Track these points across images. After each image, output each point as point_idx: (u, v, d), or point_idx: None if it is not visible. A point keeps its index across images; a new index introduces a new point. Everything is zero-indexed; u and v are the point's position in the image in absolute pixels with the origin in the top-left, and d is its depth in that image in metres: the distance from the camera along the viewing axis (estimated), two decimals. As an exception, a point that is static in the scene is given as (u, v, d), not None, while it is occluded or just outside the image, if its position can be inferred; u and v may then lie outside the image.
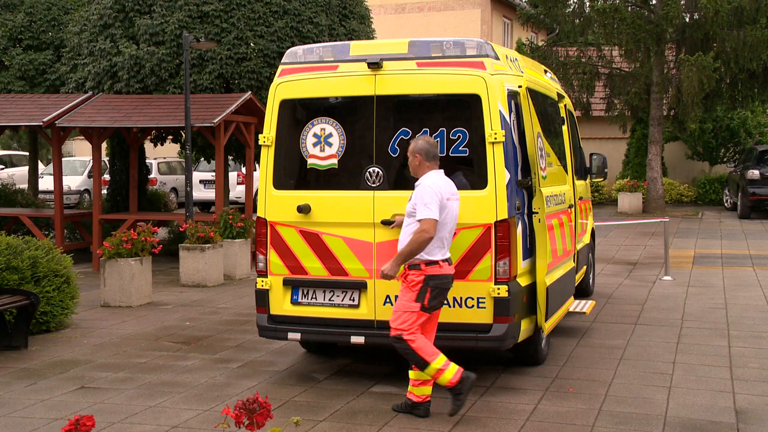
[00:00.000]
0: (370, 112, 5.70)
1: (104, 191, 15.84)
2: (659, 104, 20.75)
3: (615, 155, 24.03)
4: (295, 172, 6.09)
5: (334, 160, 5.85)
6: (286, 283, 5.92)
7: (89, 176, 21.52)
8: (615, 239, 15.30)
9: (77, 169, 22.79)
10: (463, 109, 5.60)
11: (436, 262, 4.95)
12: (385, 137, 5.70)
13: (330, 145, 5.87)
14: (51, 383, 5.99)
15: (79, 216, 13.62)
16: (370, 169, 5.66)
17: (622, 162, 24.24)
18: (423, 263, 4.94)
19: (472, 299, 5.45)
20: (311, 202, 5.80)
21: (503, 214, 5.47)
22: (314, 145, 5.91)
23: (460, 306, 5.53)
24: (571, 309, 7.33)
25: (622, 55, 20.96)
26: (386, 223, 5.60)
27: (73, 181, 21.56)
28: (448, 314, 5.51)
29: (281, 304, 5.93)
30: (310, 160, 5.92)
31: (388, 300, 5.81)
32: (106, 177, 16.52)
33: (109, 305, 9.08)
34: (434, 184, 4.99)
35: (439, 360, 4.95)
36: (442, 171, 5.11)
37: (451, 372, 4.96)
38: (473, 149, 5.52)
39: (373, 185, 5.68)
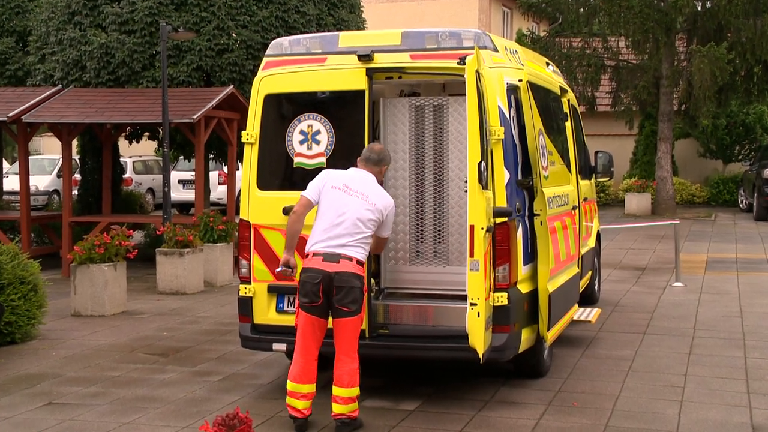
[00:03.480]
0: (361, 107, 5.71)
1: (75, 192, 15.77)
2: (669, 99, 20.83)
3: (622, 153, 24.10)
4: (280, 172, 6.09)
5: (322, 159, 5.86)
6: (271, 290, 5.92)
7: (59, 176, 21.42)
8: (622, 243, 15.35)
9: (45, 168, 22.70)
10: (460, 104, 5.64)
11: (307, 255, 5.12)
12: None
13: (318, 142, 5.88)
14: (15, 399, 5.96)
15: (48, 218, 13.57)
16: None
17: (630, 160, 24.32)
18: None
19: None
20: (297, 203, 5.79)
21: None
22: (301, 142, 5.91)
23: (457, 314, 5.56)
24: (575, 317, 7.35)
25: (630, 47, 21.03)
26: None
27: (41, 181, 21.47)
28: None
29: (265, 312, 5.93)
30: (296, 159, 5.93)
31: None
32: (77, 177, 16.46)
33: (80, 314, 9.05)
34: (329, 171, 5.29)
35: (294, 386, 5.09)
36: (363, 170, 5.29)
37: (295, 402, 5.10)
38: (471, 147, 5.53)
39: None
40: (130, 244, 9.25)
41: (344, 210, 5.09)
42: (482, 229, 5.14)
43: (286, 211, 5.83)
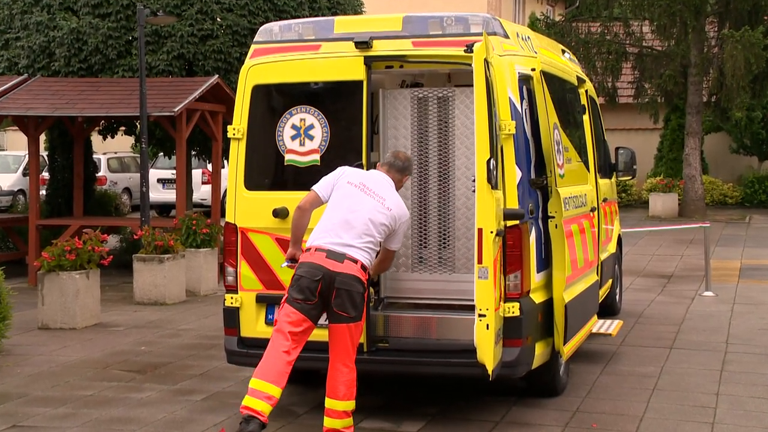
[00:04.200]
0: (359, 99, 5.74)
1: (43, 192, 15.80)
2: (698, 89, 20.87)
3: (646, 149, 24.13)
4: (270, 170, 6.11)
5: (316, 156, 5.89)
6: (260, 299, 5.94)
7: (24, 174, 21.45)
8: (646, 248, 15.37)
9: (10, 165, 22.75)
10: (467, 96, 5.67)
11: (308, 249, 5.17)
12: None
13: (311, 138, 5.90)
14: (-21, 420, 5.98)
15: (12, 221, 13.60)
16: (359, 166, 5.71)
17: (654, 157, 24.36)
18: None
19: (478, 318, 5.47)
20: (289, 205, 5.81)
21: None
22: (293, 138, 5.94)
23: (464, 327, 5.58)
24: (594, 330, 7.37)
25: (654, 32, 21.08)
26: None
27: (5, 180, 21.52)
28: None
29: (254, 324, 5.95)
30: (287, 156, 5.95)
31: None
32: (45, 175, 16.49)
33: (48, 327, 9.07)
34: (347, 167, 5.38)
35: (260, 384, 5.02)
36: (382, 171, 5.43)
37: (255, 403, 4.99)
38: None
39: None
40: (104, 250, 9.27)
41: (357, 208, 5.14)
42: (491, 232, 5.16)
43: (276, 213, 5.86)
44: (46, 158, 16.30)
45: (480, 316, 5.15)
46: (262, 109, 6.04)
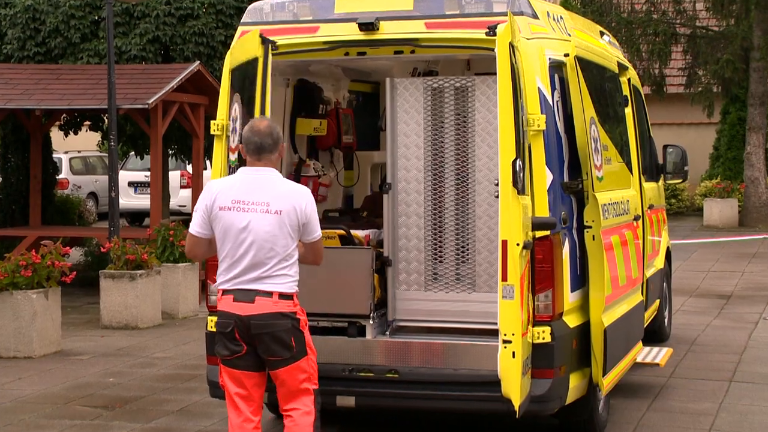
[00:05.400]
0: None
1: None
2: (762, 76, 20.85)
3: (699, 147, 24.09)
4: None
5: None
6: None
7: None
8: (700, 263, 15.34)
9: (-43, 166, 22.84)
10: (489, 86, 5.69)
11: (219, 292, 5.00)
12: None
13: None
14: None
15: (-40, 232, 13.65)
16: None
17: (710, 157, 24.31)
18: None
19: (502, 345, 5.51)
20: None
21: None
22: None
23: (486, 355, 5.60)
24: (639, 359, 7.39)
25: (710, 9, 21.09)
26: None
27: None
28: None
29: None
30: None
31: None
32: (-3, 178, 16.62)
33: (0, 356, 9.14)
34: (213, 184, 5.03)
35: None
36: (256, 166, 4.92)
37: None
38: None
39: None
40: (66, 265, 9.32)
41: (244, 236, 4.83)
42: (518, 245, 5.19)
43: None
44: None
45: (505, 342, 5.17)
46: (251, 101, 6.11)
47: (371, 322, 6.04)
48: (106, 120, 13.73)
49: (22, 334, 9.11)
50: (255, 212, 4.85)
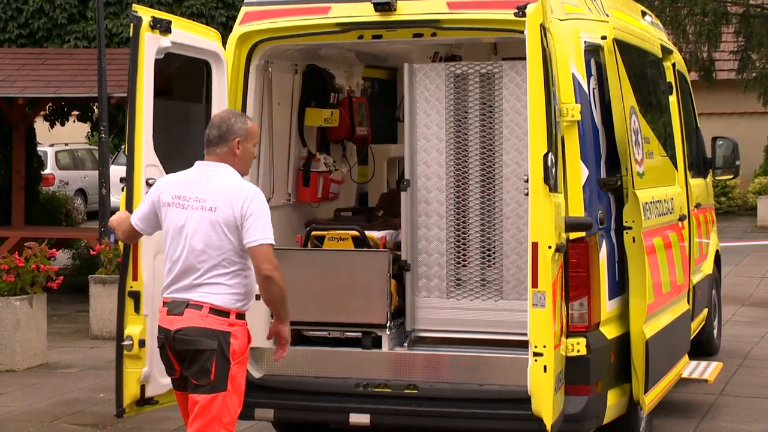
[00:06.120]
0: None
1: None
2: (822, 61, 20.71)
3: (752, 140, 23.99)
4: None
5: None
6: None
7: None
8: (753, 268, 15.27)
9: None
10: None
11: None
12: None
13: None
14: None
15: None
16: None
17: (764, 150, 24.21)
18: None
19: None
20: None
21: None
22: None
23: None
24: (684, 374, 7.37)
25: (764, -14, 20.97)
26: None
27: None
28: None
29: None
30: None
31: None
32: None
33: (-19, 369, 9.19)
34: (165, 178, 5.05)
35: None
36: (206, 160, 4.90)
37: None
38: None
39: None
40: (53, 269, 9.36)
41: (180, 236, 4.77)
42: (549, 248, 5.20)
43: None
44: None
45: (535, 355, 5.18)
46: (255, 89, 6.15)
47: (388, 332, 6.06)
48: (96, 110, 13.80)
49: (3, 345, 9.16)
50: (192, 209, 4.77)
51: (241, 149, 4.86)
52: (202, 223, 4.72)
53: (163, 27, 5.45)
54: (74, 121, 15.67)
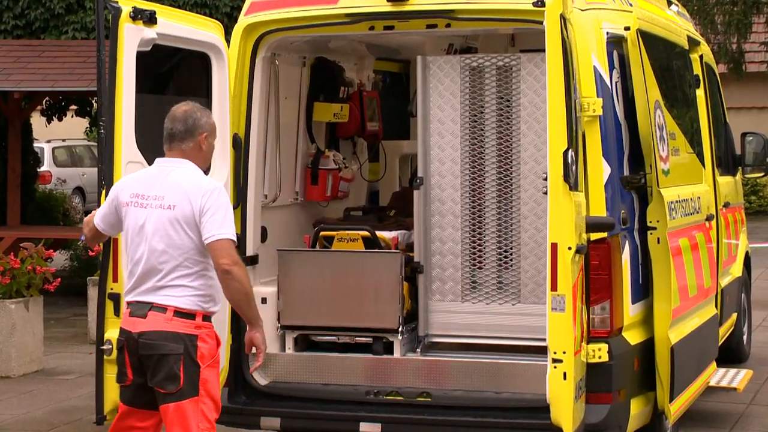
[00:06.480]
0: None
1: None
2: None
3: (785, 135, 23.94)
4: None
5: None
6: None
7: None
8: (785, 271, 15.24)
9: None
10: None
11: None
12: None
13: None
14: None
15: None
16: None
17: (797, 146, 24.13)
18: None
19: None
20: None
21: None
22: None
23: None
24: (712, 383, 7.36)
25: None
26: None
27: None
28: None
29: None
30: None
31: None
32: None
33: (-26, 375, 9.20)
34: (127, 176, 5.02)
35: None
36: (166, 157, 4.86)
37: None
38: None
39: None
40: (50, 271, 9.38)
41: (140, 236, 4.75)
42: (569, 249, 5.20)
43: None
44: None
45: (555, 361, 5.17)
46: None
47: (400, 337, 6.07)
48: (95, 104, 13.83)
49: (-1, 350, 9.19)
50: (151, 208, 4.74)
51: (207, 144, 4.85)
52: (161, 222, 4.70)
53: (146, 17, 5.35)
54: (72, 116, 15.72)
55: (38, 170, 16.72)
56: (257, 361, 4.88)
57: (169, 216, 4.68)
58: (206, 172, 5.06)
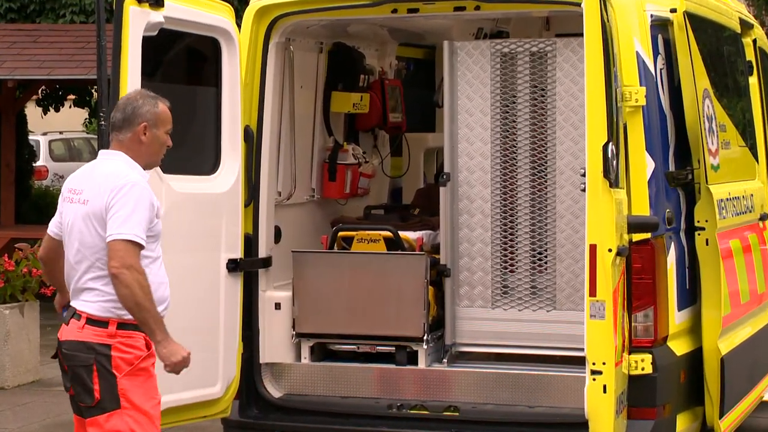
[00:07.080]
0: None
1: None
2: None
3: None
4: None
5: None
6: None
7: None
8: None
9: None
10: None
11: None
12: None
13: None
14: None
15: None
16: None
17: None
18: None
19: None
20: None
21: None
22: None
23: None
24: (766, 397, 7.33)
25: None
26: None
27: None
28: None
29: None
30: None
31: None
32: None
33: (-34, 386, 9.25)
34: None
35: None
36: (112, 152, 4.77)
37: None
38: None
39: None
40: (47, 274, 9.43)
41: (67, 234, 4.76)
42: (609, 251, 5.19)
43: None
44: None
45: (594, 373, 5.17)
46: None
47: (425, 346, 6.07)
48: (94, 93, 13.88)
49: (-8, 359, 9.25)
50: (73, 203, 4.73)
51: (149, 136, 4.72)
52: (77, 218, 4.69)
53: (153, 0, 5.40)
54: (70, 107, 15.80)
55: (34, 165, 16.81)
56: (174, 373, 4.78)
57: (83, 211, 4.67)
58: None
